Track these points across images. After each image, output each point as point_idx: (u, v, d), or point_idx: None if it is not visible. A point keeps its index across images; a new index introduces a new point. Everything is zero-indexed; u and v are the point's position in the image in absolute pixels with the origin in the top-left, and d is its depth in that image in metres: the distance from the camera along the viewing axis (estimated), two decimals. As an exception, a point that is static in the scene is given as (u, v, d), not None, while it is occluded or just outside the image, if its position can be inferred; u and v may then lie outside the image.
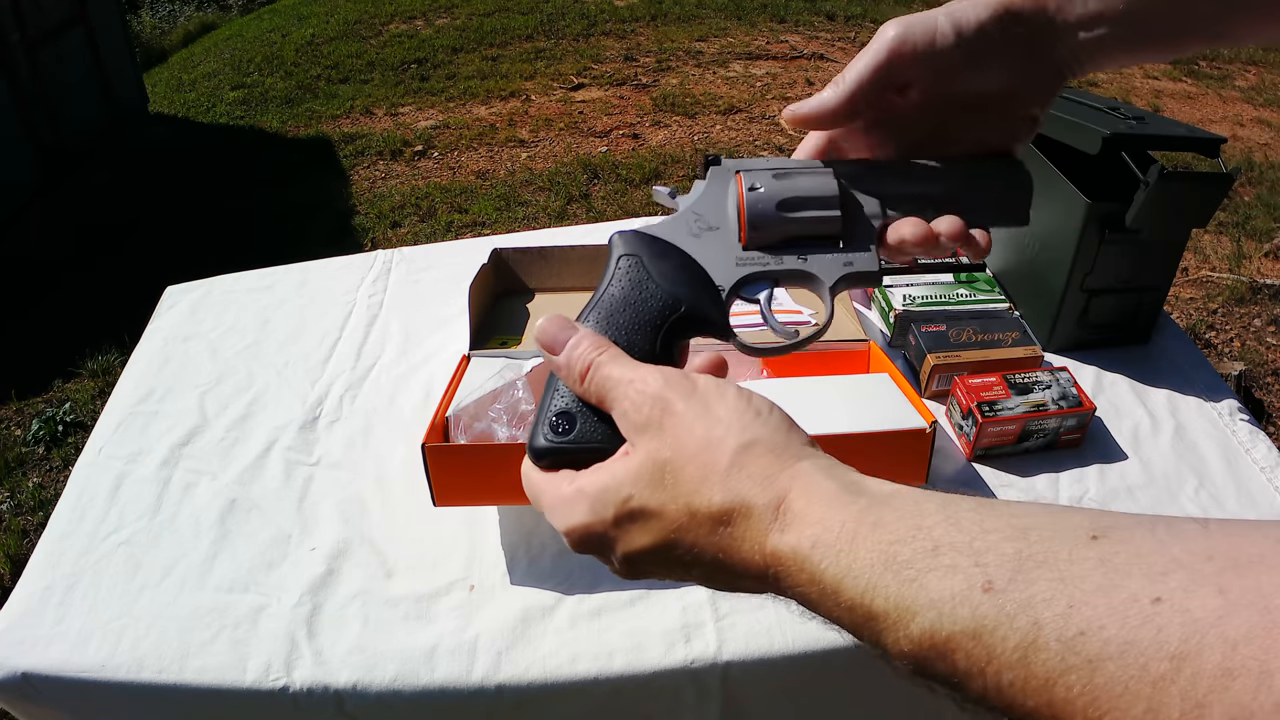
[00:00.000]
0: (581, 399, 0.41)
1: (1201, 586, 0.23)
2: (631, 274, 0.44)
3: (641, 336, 0.43)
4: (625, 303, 0.43)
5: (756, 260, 0.45)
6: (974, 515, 0.29)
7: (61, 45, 3.56)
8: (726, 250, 0.45)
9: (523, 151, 3.69)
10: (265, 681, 0.79)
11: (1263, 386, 2.32)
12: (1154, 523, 0.27)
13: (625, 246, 0.45)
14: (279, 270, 1.38)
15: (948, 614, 0.27)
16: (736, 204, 0.45)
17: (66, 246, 3.10)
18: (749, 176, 0.45)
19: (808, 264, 0.45)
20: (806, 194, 0.44)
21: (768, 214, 0.44)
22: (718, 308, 0.44)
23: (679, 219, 0.46)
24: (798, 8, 5.33)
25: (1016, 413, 0.99)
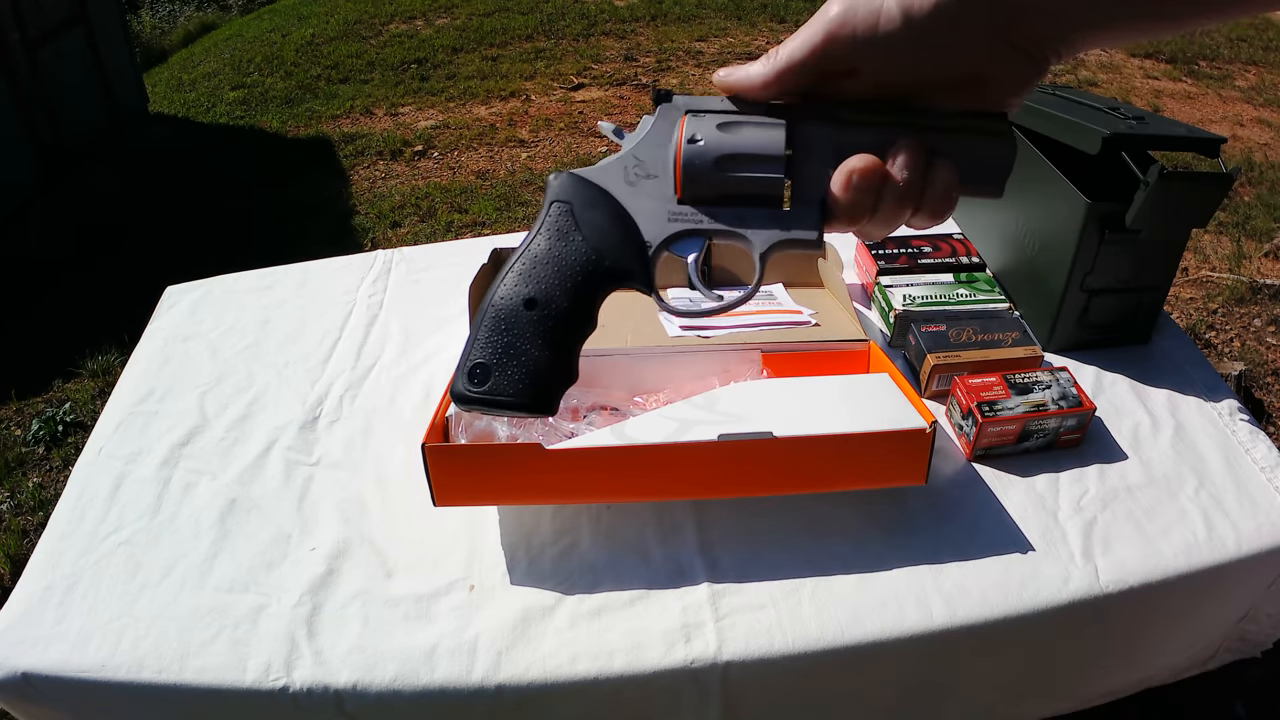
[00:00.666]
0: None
1: None
2: (559, 223, 0.43)
3: (561, 294, 0.42)
4: (549, 255, 0.42)
5: (690, 216, 0.42)
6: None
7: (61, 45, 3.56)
8: (660, 203, 0.42)
9: (523, 151, 3.69)
10: (265, 681, 0.79)
11: (1263, 386, 2.32)
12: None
13: (558, 192, 0.43)
14: (279, 270, 1.38)
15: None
16: (674, 154, 0.42)
17: (66, 246, 3.10)
18: (692, 124, 0.42)
19: (743, 225, 0.42)
20: (749, 150, 0.41)
21: (705, 169, 0.41)
22: (642, 264, 0.42)
23: (618, 162, 0.43)
24: (798, 8, 5.33)
25: (1016, 413, 0.99)
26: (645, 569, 0.89)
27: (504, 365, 0.41)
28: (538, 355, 0.42)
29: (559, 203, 0.43)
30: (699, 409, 0.91)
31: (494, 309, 0.43)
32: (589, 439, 0.88)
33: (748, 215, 0.42)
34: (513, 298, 0.42)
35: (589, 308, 0.43)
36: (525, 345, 0.42)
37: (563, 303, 0.42)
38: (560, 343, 0.42)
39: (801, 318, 1.12)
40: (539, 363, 0.42)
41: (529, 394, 0.41)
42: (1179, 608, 0.93)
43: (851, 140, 0.41)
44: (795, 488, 0.92)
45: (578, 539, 0.92)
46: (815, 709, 0.90)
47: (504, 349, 0.42)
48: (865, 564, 0.89)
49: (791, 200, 0.41)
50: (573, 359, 0.43)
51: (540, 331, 0.42)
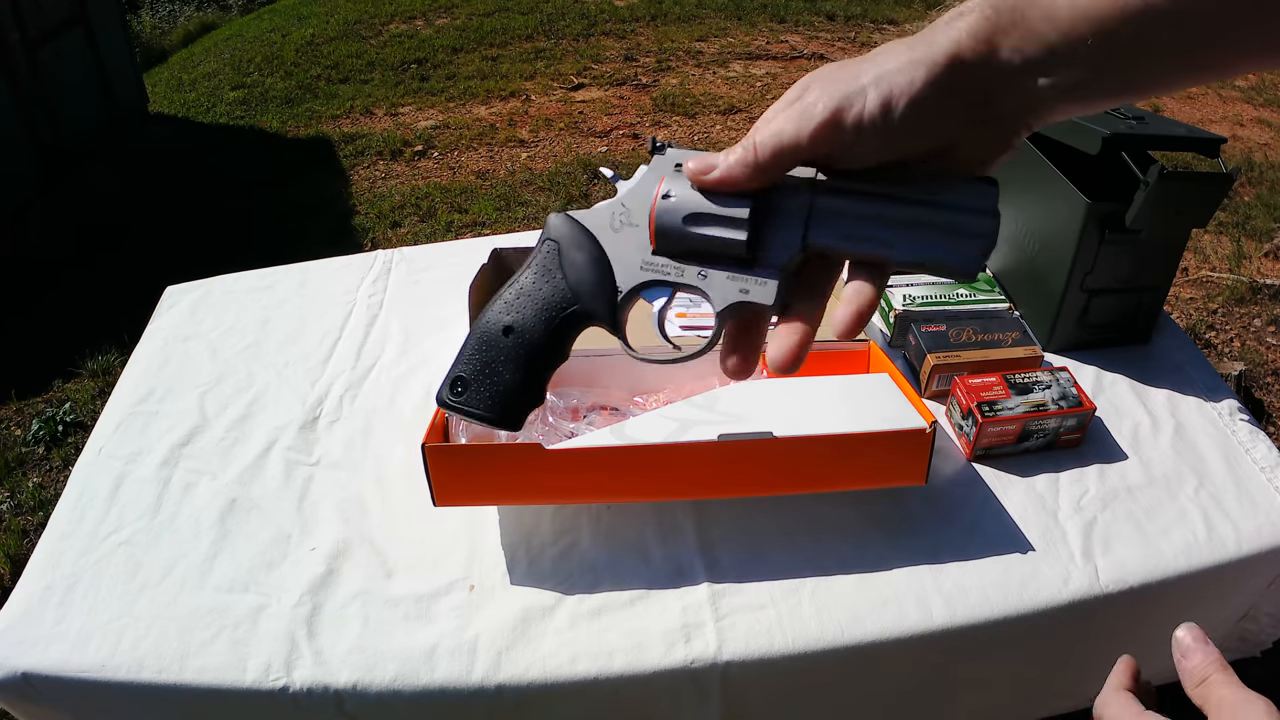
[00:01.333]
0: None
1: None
2: (546, 262, 0.47)
3: (535, 324, 0.47)
4: (532, 290, 0.47)
5: (659, 268, 0.45)
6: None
7: (61, 45, 3.56)
8: (636, 251, 0.45)
9: (523, 151, 3.69)
10: (265, 681, 0.79)
11: (1263, 386, 2.32)
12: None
13: (553, 230, 0.47)
14: (279, 270, 1.38)
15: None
16: (650, 208, 0.45)
17: (66, 246, 3.10)
18: (669, 181, 0.44)
19: (706, 281, 0.44)
20: (715, 212, 0.43)
21: (674, 225, 0.44)
22: (610, 309, 0.46)
23: (607, 208, 0.47)
24: (798, 8, 5.33)
25: (1016, 413, 0.99)
26: (645, 569, 0.89)
27: (480, 382, 0.47)
28: (509, 379, 0.47)
29: (550, 241, 0.47)
30: (699, 409, 0.91)
31: (480, 329, 0.48)
32: (589, 439, 0.88)
33: (712, 273, 0.44)
34: (495, 323, 0.48)
35: (561, 341, 0.47)
36: (500, 368, 0.47)
37: (536, 334, 0.47)
38: (531, 369, 0.47)
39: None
40: (509, 385, 0.47)
41: (498, 411, 0.47)
42: (1179, 608, 0.93)
43: (823, 208, 0.42)
44: (795, 488, 0.92)
45: (578, 539, 0.92)
46: (815, 709, 0.90)
47: (482, 367, 0.47)
48: (865, 564, 0.89)
49: (758, 262, 0.43)
50: (541, 384, 0.48)
51: (514, 357, 0.47)
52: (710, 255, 0.44)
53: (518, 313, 0.47)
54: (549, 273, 0.47)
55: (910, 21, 5.11)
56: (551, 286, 0.47)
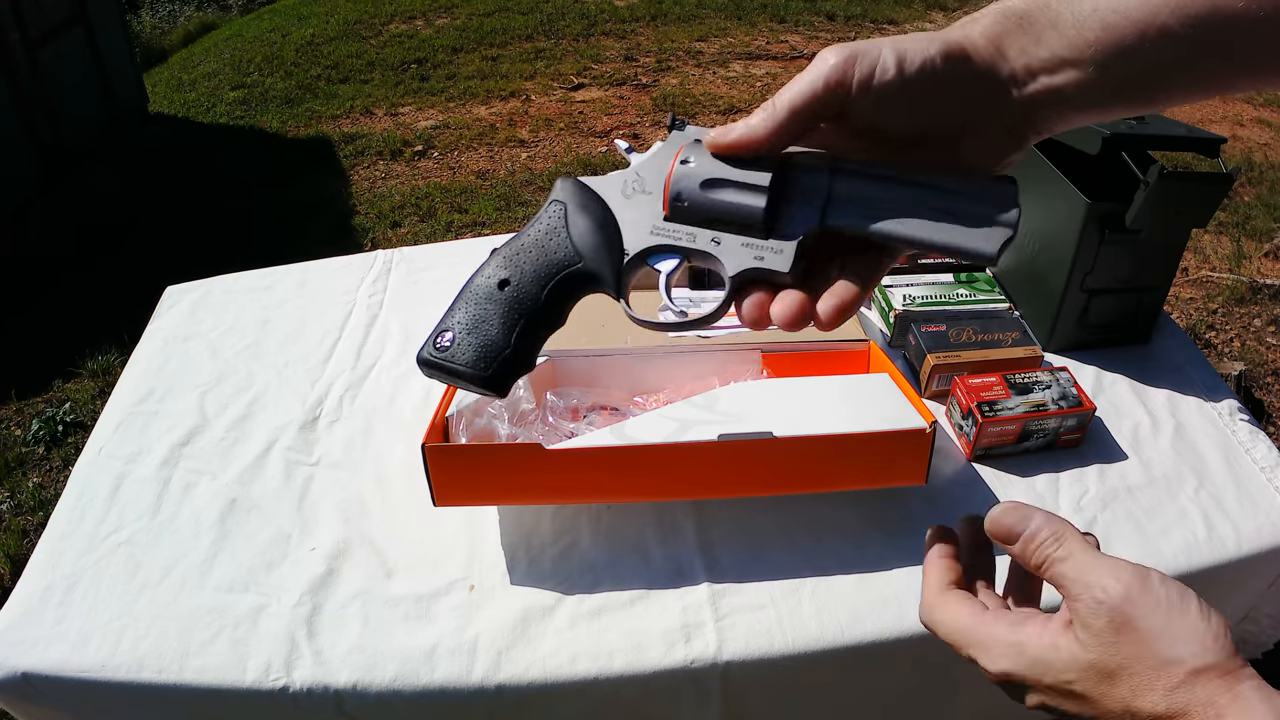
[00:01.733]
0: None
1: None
2: (551, 221, 0.45)
3: (533, 282, 0.44)
4: (534, 245, 0.45)
5: (670, 233, 0.44)
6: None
7: (61, 45, 3.56)
8: (648, 216, 0.44)
9: (523, 151, 3.69)
10: (265, 681, 0.79)
11: (1263, 386, 2.32)
12: None
13: (559, 193, 0.46)
14: (279, 270, 1.38)
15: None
16: (666, 173, 0.44)
17: (67, 246, 3.10)
18: (689, 149, 0.44)
19: (719, 248, 0.43)
20: (734, 178, 0.42)
21: (690, 189, 0.43)
22: (615, 271, 0.44)
23: (619, 176, 0.46)
24: (798, 8, 5.33)
25: (1016, 413, 0.99)
26: (645, 569, 0.89)
27: (467, 336, 0.44)
28: (497, 334, 0.44)
29: (556, 202, 0.46)
30: (699, 409, 0.91)
31: (472, 283, 0.45)
32: (589, 439, 0.88)
33: (725, 239, 0.43)
34: (491, 276, 0.45)
35: (557, 303, 0.45)
36: (490, 324, 0.44)
37: (532, 291, 0.44)
38: (524, 329, 0.44)
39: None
40: (498, 342, 0.44)
41: (481, 367, 0.43)
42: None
43: (843, 188, 0.42)
44: (795, 488, 0.92)
45: (578, 539, 0.92)
46: (815, 709, 0.90)
47: (471, 321, 0.44)
48: (865, 564, 0.89)
49: (774, 233, 0.42)
50: (532, 348, 0.45)
51: (506, 313, 0.44)
52: (725, 223, 0.43)
53: (515, 268, 0.45)
54: (554, 231, 0.45)
55: (910, 21, 5.11)
56: (555, 243, 0.45)
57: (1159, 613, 0.37)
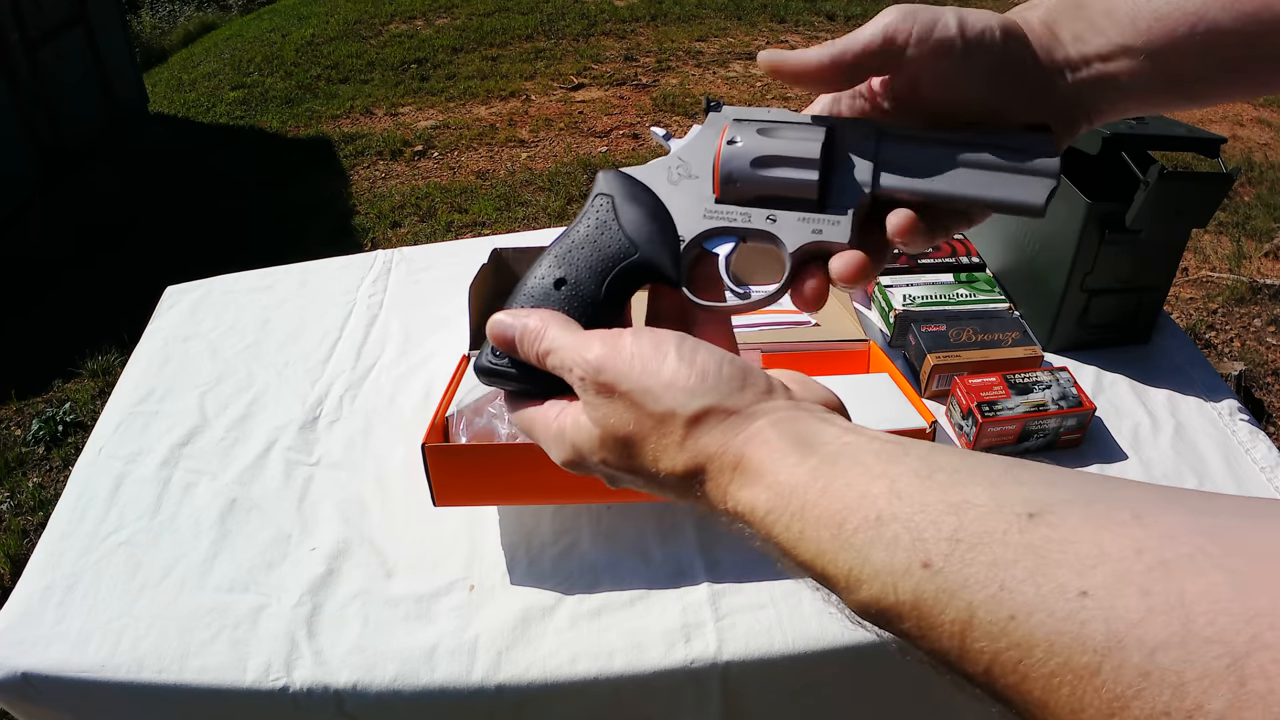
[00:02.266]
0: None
1: (1126, 585, 0.24)
2: (600, 215, 0.44)
3: (590, 278, 0.43)
4: (586, 241, 0.44)
5: (724, 215, 0.44)
6: (916, 486, 0.29)
7: (61, 45, 3.56)
8: (698, 201, 0.44)
9: (523, 151, 3.69)
10: (265, 681, 0.79)
11: (1263, 386, 2.32)
12: (1091, 501, 0.27)
13: (604, 185, 0.45)
14: (279, 270, 1.38)
15: (891, 585, 0.29)
16: (714, 155, 0.44)
17: (67, 246, 3.10)
18: (734, 128, 0.44)
19: (776, 225, 0.43)
20: (784, 153, 0.42)
21: (741, 169, 0.43)
22: (673, 258, 0.44)
23: (663, 163, 0.45)
24: (798, 8, 5.33)
25: (1016, 413, 0.99)
26: (645, 569, 0.89)
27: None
28: None
29: (603, 195, 0.45)
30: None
31: (526, 286, 0.44)
32: (589, 439, 0.88)
33: (781, 216, 0.43)
34: (545, 277, 0.44)
35: (618, 298, 0.44)
36: None
37: (591, 287, 0.43)
38: (586, 327, 0.42)
39: (801, 318, 1.12)
40: None
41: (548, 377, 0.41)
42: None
43: (890, 152, 0.42)
44: (795, 488, 0.92)
45: (578, 539, 0.92)
46: (815, 709, 0.90)
47: None
48: (865, 564, 0.89)
49: (828, 205, 0.42)
50: None
51: (566, 312, 0.43)
52: (778, 200, 0.43)
53: (570, 266, 0.44)
54: (604, 225, 0.44)
55: (910, 21, 5.10)
56: (608, 237, 0.44)
57: (635, 371, 0.36)
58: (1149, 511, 0.25)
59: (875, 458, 0.31)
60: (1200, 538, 0.24)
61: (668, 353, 0.36)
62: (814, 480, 0.32)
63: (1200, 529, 0.24)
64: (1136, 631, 0.23)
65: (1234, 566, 0.23)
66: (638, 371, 0.36)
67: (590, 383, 0.37)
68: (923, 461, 0.30)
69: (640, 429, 0.36)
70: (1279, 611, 0.21)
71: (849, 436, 0.33)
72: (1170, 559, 0.24)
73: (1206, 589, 0.22)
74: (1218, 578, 0.23)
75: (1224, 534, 0.24)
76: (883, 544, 0.29)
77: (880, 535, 0.29)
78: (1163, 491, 0.27)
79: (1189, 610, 0.22)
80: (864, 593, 0.30)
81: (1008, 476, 0.29)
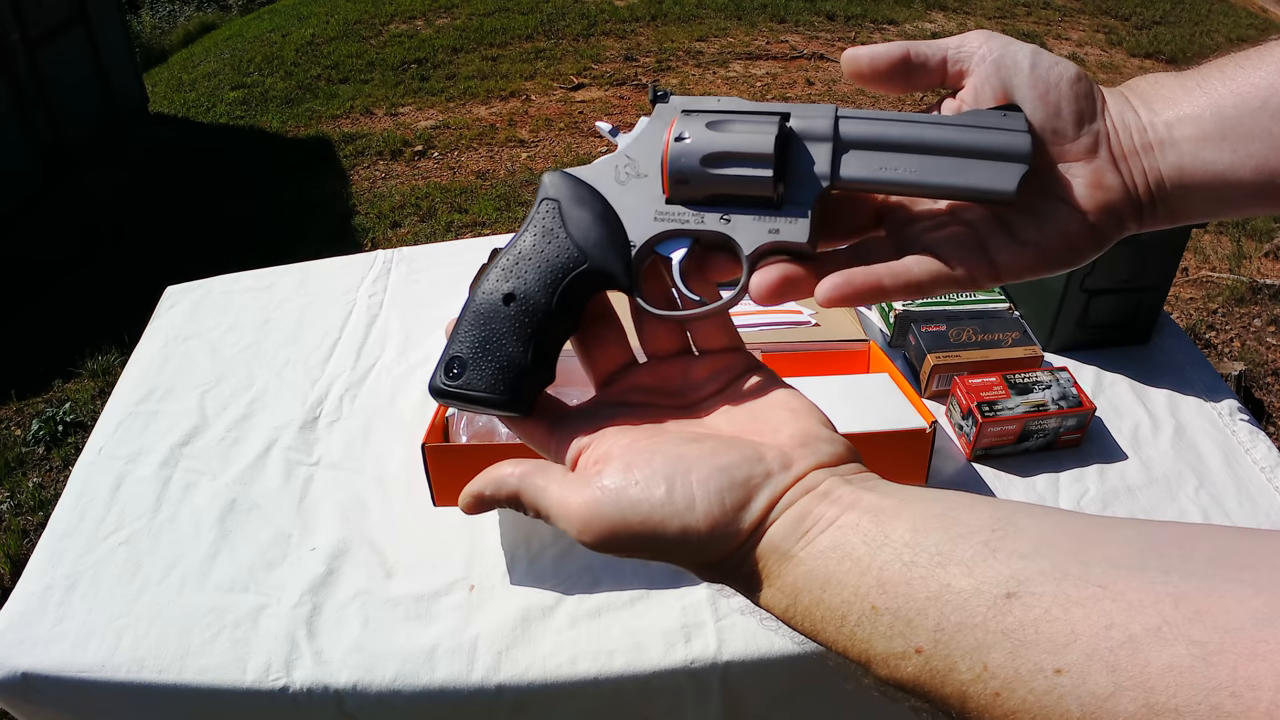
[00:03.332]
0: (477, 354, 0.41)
1: (1095, 663, 0.26)
2: (546, 222, 0.42)
3: (540, 290, 0.41)
4: (533, 252, 0.42)
5: (676, 216, 0.41)
6: (900, 577, 0.32)
7: (61, 45, 3.56)
8: (648, 202, 0.42)
9: (523, 151, 3.69)
10: (265, 681, 0.79)
11: (1263, 386, 2.32)
12: (1063, 577, 0.28)
13: (549, 189, 0.43)
14: (279, 270, 1.38)
15: (894, 668, 0.32)
16: (662, 153, 0.41)
17: (66, 246, 3.10)
18: (681, 123, 0.41)
19: (730, 226, 0.40)
20: (735, 149, 0.40)
21: (690, 168, 0.40)
22: (624, 265, 0.41)
23: (610, 161, 0.43)
24: (798, 8, 5.33)
25: (1016, 413, 0.99)
26: (645, 569, 0.89)
27: (479, 360, 0.41)
28: (513, 351, 0.41)
29: (548, 200, 0.43)
30: (699, 409, 0.91)
31: (474, 304, 0.42)
32: (589, 439, 0.88)
33: (736, 216, 0.41)
34: (493, 293, 0.42)
35: (569, 307, 0.42)
36: (502, 341, 0.41)
37: (542, 299, 0.41)
38: (538, 340, 0.41)
39: (801, 318, 1.12)
40: (514, 359, 0.41)
41: (501, 389, 0.41)
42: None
43: (852, 141, 0.40)
44: (795, 488, 0.92)
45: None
46: (815, 709, 0.90)
47: (481, 343, 0.41)
48: (865, 564, 0.89)
49: (785, 201, 0.40)
50: (550, 358, 0.42)
51: (517, 328, 0.41)
52: (732, 199, 0.40)
53: (518, 278, 0.42)
54: (550, 233, 0.42)
55: (910, 21, 5.11)
56: (555, 247, 0.42)
57: (639, 528, 0.36)
58: (1119, 580, 0.27)
59: (865, 546, 0.33)
60: (1166, 606, 0.26)
61: (670, 502, 0.36)
62: (814, 579, 0.34)
63: (1167, 595, 0.26)
64: (1107, 706, 0.25)
65: (1197, 638, 0.24)
66: (646, 537, 0.37)
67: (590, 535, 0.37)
68: (906, 546, 0.32)
69: (663, 558, 0.38)
70: (1238, 681, 0.23)
71: (843, 516, 0.35)
72: (1137, 633, 0.26)
73: (1170, 663, 0.24)
74: (1180, 650, 0.24)
75: (1191, 600, 0.25)
76: (880, 634, 0.32)
77: (877, 626, 0.32)
78: (1139, 543, 0.28)
79: (1153, 685, 0.24)
80: (876, 673, 0.33)
81: (986, 549, 0.31)
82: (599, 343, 0.44)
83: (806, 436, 0.40)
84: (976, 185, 0.38)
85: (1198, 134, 0.38)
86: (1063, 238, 0.39)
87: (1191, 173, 0.38)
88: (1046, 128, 0.39)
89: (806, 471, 0.38)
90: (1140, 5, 5.56)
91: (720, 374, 0.43)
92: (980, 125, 0.38)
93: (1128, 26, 5.27)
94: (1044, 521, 0.31)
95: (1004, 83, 0.40)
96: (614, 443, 0.39)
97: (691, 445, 0.38)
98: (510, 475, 0.40)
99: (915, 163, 0.39)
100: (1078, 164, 0.39)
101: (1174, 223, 0.41)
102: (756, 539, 0.36)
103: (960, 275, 0.39)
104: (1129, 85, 0.41)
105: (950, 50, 0.41)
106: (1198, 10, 5.56)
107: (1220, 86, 0.38)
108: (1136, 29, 5.22)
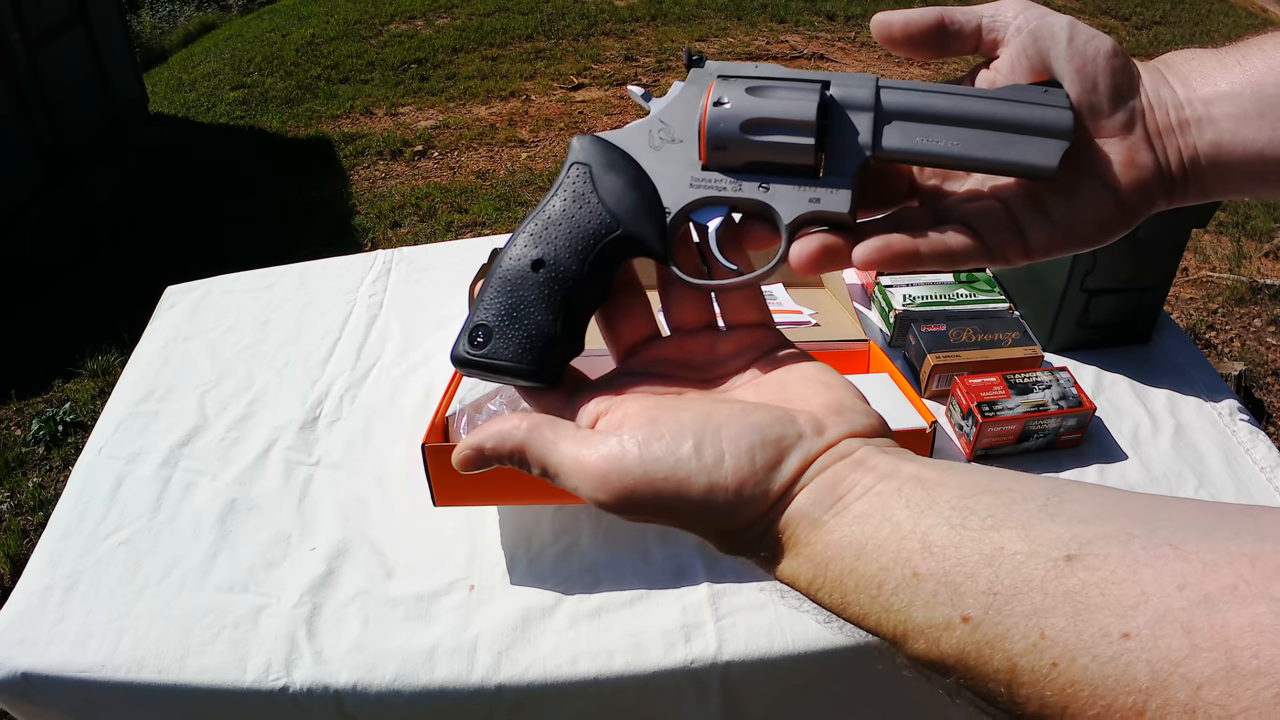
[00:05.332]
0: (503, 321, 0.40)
1: (1168, 624, 0.24)
2: (577, 186, 0.41)
3: (570, 256, 0.40)
4: (563, 217, 0.40)
5: (713, 183, 0.40)
6: (949, 539, 0.29)
7: (61, 45, 3.56)
8: (684, 168, 0.40)
9: (523, 151, 3.69)
10: (265, 681, 0.79)
11: (1263, 386, 2.32)
12: (1129, 537, 0.26)
13: (579, 153, 0.41)
14: (279, 270, 1.38)
15: (935, 641, 0.29)
16: (700, 118, 0.40)
17: (66, 246, 3.10)
18: (720, 87, 0.40)
19: (769, 194, 0.39)
20: (777, 116, 0.38)
21: (730, 134, 0.39)
22: (659, 232, 0.40)
23: (643, 126, 0.42)
24: (798, 8, 5.33)
25: (1016, 413, 0.99)
26: (645, 569, 0.89)
27: (506, 328, 0.40)
28: (541, 319, 0.39)
29: (578, 164, 0.41)
30: (699, 409, 0.91)
31: (501, 270, 0.41)
32: (589, 439, 0.88)
33: (775, 184, 0.39)
34: (521, 258, 0.40)
35: (601, 275, 0.40)
36: (530, 309, 0.39)
37: (573, 266, 0.40)
38: (568, 309, 0.40)
39: (801, 318, 1.12)
40: (542, 327, 0.39)
41: (529, 359, 0.39)
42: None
43: (894, 112, 0.39)
44: (795, 488, 0.92)
45: (578, 539, 0.92)
46: (815, 709, 0.90)
47: (508, 311, 0.40)
48: (865, 564, 0.89)
49: (825, 170, 0.39)
50: (579, 328, 0.41)
51: (546, 295, 0.40)
52: (771, 166, 0.39)
53: (547, 244, 0.40)
54: (581, 198, 0.40)
55: (910, 21, 5.10)
56: (586, 212, 0.40)
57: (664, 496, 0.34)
58: (1188, 541, 0.25)
59: (907, 510, 0.31)
60: (1243, 566, 0.24)
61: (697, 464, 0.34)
62: (847, 546, 0.32)
63: (1241, 555, 0.24)
64: (1181, 670, 0.23)
65: (1278, 595, 0.23)
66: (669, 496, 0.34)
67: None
68: (954, 510, 0.30)
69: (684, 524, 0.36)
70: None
71: (880, 484, 0.32)
72: (1212, 592, 0.24)
73: (1250, 622, 0.23)
74: (1261, 608, 0.23)
75: (1268, 560, 0.24)
76: (921, 603, 0.29)
77: (918, 594, 0.29)
78: (1203, 512, 0.27)
79: (1233, 645, 0.22)
80: (911, 648, 0.30)
81: (1044, 514, 0.28)
82: (624, 312, 0.42)
83: (840, 406, 0.38)
84: (1018, 160, 0.38)
85: (1237, 111, 0.37)
86: (1095, 216, 0.39)
87: (1230, 150, 0.38)
88: (1083, 103, 0.38)
89: (840, 439, 0.36)
90: (1140, 5, 5.56)
91: (748, 350, 0.41)
92: (1022, 100, 0.38)
93: (1128, 27, 5.27)
94: (1100, 493, 0.29)
95: (1041, 54, 0.39)
96: (637, 404, 0.37)
97: (721, 404, 0.36)
98: (516, 428, 0.38)
99: (957, 135, 0.38)
100: (1112, 140, 0.38)
101: (1203, 199, 0.40)
102: (785, 504, 0.34)
103: (995, 251, 0.39)
104: (1163, 60, 0.40)
105: (985, 18, 0.40)
106: (1198, 10, 5.56)
107: (1260, 64, 0.37)
108: (1136, 29, 5.22)
